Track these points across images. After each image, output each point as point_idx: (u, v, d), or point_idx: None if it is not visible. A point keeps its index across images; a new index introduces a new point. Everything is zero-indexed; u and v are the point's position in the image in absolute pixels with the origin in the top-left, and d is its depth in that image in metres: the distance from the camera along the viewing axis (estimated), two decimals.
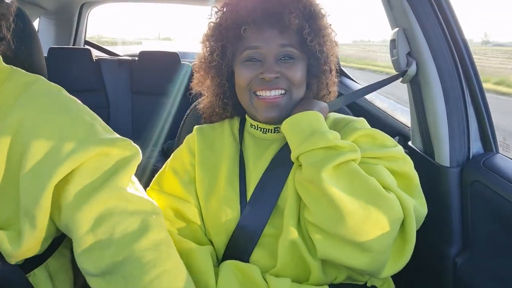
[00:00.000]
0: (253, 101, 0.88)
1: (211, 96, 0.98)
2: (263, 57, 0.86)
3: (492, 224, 0.91)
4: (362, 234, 0.73)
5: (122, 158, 0.75)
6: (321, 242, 0.77)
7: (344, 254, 0.76)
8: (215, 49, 0.91)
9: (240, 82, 0.89)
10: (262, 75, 0.84)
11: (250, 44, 0.87)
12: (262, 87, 0.86)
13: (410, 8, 0.96)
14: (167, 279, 0.68)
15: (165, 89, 2.51)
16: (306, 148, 0.78)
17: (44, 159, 0.69)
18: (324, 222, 0.76)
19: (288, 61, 0.87)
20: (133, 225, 0.70)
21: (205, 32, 0.95)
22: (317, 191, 0.76)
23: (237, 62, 0.90)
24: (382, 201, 0.74)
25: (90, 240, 0.69)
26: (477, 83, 0.98)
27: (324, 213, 0.75)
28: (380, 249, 0.75)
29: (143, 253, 0.69)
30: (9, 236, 0.71)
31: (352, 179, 0.75)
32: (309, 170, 0.76)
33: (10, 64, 0.80)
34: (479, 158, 0.98)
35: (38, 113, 0.72)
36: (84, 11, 2.98)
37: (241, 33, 0.86)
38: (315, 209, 0.77)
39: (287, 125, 0.83)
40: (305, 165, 0.78)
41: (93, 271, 0.69)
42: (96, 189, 0.70)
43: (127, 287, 0.67)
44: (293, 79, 0.86)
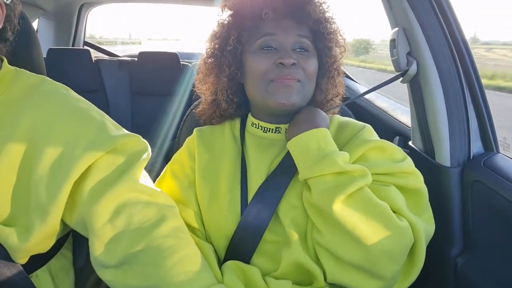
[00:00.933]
0: (269, 87, 0.84)
1: (215, 93, 0.95)
2: (279, 45, 0.85)
3: (493, 224, 0.90)
4: (374, 262, 0.73)
5: (134, 152, 0.77)
6: (331, 266, 0.77)
7: (354, 280, 0.76)
8: (230, 35, 0.88)
9: (256, 70, 0.86)
10: (280, 59, 0.83)
11: (267, 31, 0.86)
12: (280, 76, 0.83)
13: (410, 8, 0.96)
14: (187, 264, 0.70)
15: (165, 89, 2.50)
16: (314, 173, 0.76)
17: (61, 157, 0.71)
18: (336, 247, 0.75)
19: (303, 53, 0.86)
20: (150, 214, 0.73)
21: (215, 28, 0.93)
22: (328, 217, 0.75)
23: (250, 51, 0.88)
24: (395, 230, 0.74)
25: (109, 231, 0.71)
26: (477, 82, 0.98)
27: (336, 238, 0.75)
28: (391, 276, 0.75)
29: (163, 239, 0.71)
30: (16, 231, 0.72)
31: (365, 207, 0.74)
32: (320, 199, 0.75)
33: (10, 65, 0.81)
34: (480, 158, 0.97)
35: (50, 113, 0.74)
36: (83, 12, 2.98)
37: (263, 17, 0.85)
38: (326, 233, 0.76)
39: (294, 145, 0.81)
40: (315, 192, 0.76)
41: (109, 263, 0.71)
42: (112, 183, 0.72)
43: (145, 274, 0.69)
44: (307, 70, 0.85)
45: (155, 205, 0.75)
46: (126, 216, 0.71)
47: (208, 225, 0.89)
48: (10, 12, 0.77)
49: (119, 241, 0.71)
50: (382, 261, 0.73)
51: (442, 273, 1.01)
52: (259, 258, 0.84)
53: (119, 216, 0.71)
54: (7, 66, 0.79)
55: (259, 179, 0.87)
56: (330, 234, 0.76)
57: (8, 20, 0.77)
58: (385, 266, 0.73)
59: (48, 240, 0.77)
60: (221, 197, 0.88)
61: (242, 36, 0.88)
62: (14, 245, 0.72)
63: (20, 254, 0.75)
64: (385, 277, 0.74)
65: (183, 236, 0.74)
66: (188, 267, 0.70)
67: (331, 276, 0.77)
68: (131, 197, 0.73)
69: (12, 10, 0.77)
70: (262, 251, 0.84)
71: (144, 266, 0.69)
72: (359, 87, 2.19)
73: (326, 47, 0.89)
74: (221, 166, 0.91)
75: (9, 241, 0.72)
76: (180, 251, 0.71)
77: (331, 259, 0.77)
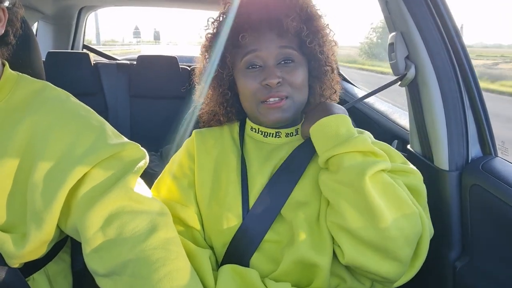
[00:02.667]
0: (260, 108, 0.87)
1: (214, 106, 0.96)
2: (263, 61, 0.86)
3: (492, 228, 0.91)
4: (391, 242, 0.74)
5: (130, 160, 0.77)
6: (351, 247, 0.77)
7: (372, 261, 0.76)
8: (215, 59, 0.90)
9: (246, 92, 0.88)
10: (265, 81, 0.84)
11: (249, 48, 0.86)
12: (268, 95, 0.85)
13: (408, 12, 0.97)
14: (175, 279, 0.68)
15: (164, 93, 2.51)
16: (346, 149, 0.78)
17: (57, 165, 0.71)
18: (357, 226, 0.75)
19: (289, 64, 0.86)
20: (142, 224, 0.72)
21: (203, 43, 0.94)
22: (354, 195, 0.75)
23: (238, 70, 0.89)
24: (411, 214, 0.76)
25: (100, 239, 0.70)
26: (475, 86, 0.98)
27: (358, 217, 0.75)
28: (406, 259, 0.76)
29: (152, 251, 0.70)
30: (13, 238, 0.72)
31: (385, 188, 0.76)
32: (350, 173, 0.76)
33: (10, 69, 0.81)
34: (478, 161, 0.98)
35: (50, 119, 0.74)
36: (82, 15, 2.98)
37: (239, 40, 0.85)
38: (349, 213, 0.76)
39: (319, 127, 0.82)
40: (346, 166, 0.77)
41: (101, 271, 0.70)
42: (106, 191, 0.72)
43: (133, 286, 0.67)
44: (294, 83, 0.86)
45: (148, 214, 0.74)
46: (118, 225, 0.70)
47: (208, 226, 0.89)
48: (12, 16, 0.77)
49: (110, 250, 0.70)
50: (398, 242, 0.74)
51: (440, 277, 1.01)
52: (258, 258, 0.84)
53: (111, 224, 0.70)
54: (9, 71, 0.79)
55: (261, 182, 0.87)
56: (351, 214, 0.76)
57: (11, 24, 0.77)
58: (401, 247, 0.75)
59: (44, 247, 0.77)
60: (221, 199, 0.88)
61: (226, 58, 0.89)
62: (9, 252, 0.72)
63: (15, 260, 0.74)
64: (400, 259, 0.75)
65: (173, 249, 0.72)
66: (176, 281, 0.68)
67: (349, 257, 0.77)
68: (124, 206, 0.72)
69: (14, 14, 0.77)
70: (262, 251, 0.84)
71: (132, 278, 0.68)
72: (357, 90, 2.19)
73: (313, 50, 0.88)
74: (221, 168, 0.91)
75: (4, 248, 0.72)
76: (169, 264, 0.69)
77: (351, 239, 0.77)
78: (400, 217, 0.75)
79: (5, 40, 0.77)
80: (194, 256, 0.82)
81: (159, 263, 0.68)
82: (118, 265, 0.69)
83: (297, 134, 0.94)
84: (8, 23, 0.76)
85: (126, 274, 0.68)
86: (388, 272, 0.76)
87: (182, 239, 0.83)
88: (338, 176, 0.77)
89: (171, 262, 0.70)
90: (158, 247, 0.70)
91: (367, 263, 0.76)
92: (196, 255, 0.82)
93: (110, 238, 0.70)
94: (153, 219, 0.73)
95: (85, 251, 0.72)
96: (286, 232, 0.84)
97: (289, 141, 0.93)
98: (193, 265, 0.79)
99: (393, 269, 0.76)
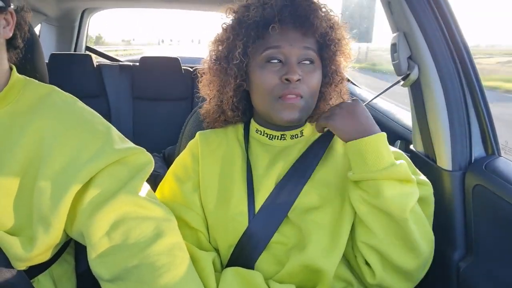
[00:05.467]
0: (276, 104, 0.85)
1: (220, 100, 0.94)
2: (284, 58, 0.85)
3: (496, 228, 0.90)
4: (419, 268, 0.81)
5: (137, 165, 0.77)
6: (382, 270, 0.81)
7: (398, 283, 0.81)
8: (236, 47, 0.87)
9: (263, 86, 0.86)
10: (286, 75, 0.82)
11: (272, 44, 0.84)
12: (286, 91, 0.83)
13: (411, 12, 0.97)
14: (180, 285, 0.69)
15: (166, 94, 2.51)
16: (386, 177, 0.76)
17: (63, 170, 0.71)
18: (393, 251, 0.79)
19: (308, 65, 0.86)
20: (147, 230, 0.72)
21: (219, 33, 0.92)
22: (394, 225, 0.77)
23: (255, 62, 0.87)
24: (431, 241, 0.83)
25: (105, 245, 0.70)
26: (478, 86, 0.98)
27: (396, 244, 0.79)
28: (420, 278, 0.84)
29: (157, 257, 0.70)
30: (21, 241, 0.72)
31: (418, 218, 0.80)
32: (392, 204, 0.75)
33: None
34: (481, 161, 0.97)
35: (57, 124, 0.74)
36: (85, 17, 2.99)
37: (269, 31, 0.83)
38: (387, 239, 0.79)
39: (360, 145, 0.79)
40: (385, 196, 0.75)
41: (106, 276, 0.70)
42: (112, 196, 0.72)
43: None
44: (311, 85, 0.85)
45: (153, 219, 0.74)
46: (124, 230, 0.71)
47: (213, 228, 0.89)
48: (20, 20, 0.77)
49: (115, 255, 0.70)
50: (421, 266, 0.81)
51: (444, 277, 1.01)
52: (264, 259, 0.84)
53: (116, 230, 0.71)
54: (17, 75, 0.79)
55: (268, 185, 0.87)
56: (389, 240, 0.78)
57: (19, 28, 0.77)
58: (422, 271, 0.82)
59: (51, 250, 0.77)
60: (227, 201, 0.87)
61: (248, 48, 0.87)
62: (17, 255, 0.72)
63: (22, 263, 0.75)
64: (417, 279, 0.83)
65: (178, 254, 0.73)
66: (180, 287, 0.69)
67: (380, 279, 0.81)
68: (129, 211, 0.72)
69: (22, 18, 0.78)
70: (268, 253, 0.84)
71: (137, 283, 0.68)
72: (360, 91, 2.19)
73: (331, 56, 0.89)
74: (226, 170, 0.91)
75: (12, 250, 0.72)
76: (174, 270, 0.70)
77: (383, 262, 0.80)
78: (424, 243, 0.80)
79: (13, 44, 0.78)
80: (196, 259, 0.82)
81: (164, 269, 0.69)
82: (123, 270, 0.69)
83: (302, 135, 0.94)
84: (17, 27, 0.76)
85: (131, 279, 0.68)
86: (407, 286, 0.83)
87: (185, 243, 0.83)
88: (378, 203, 0.77)
89: (176, 267, 0.70)
90: (163, 253, 0.71)
91: (394, 285, 0.81)
92: (199, 258, 0.82)
93: (116, 243, 0.70)
94: (158, 225, 0.73)
95: (90, 256, 0.72)
96: (292, 234, 0.84)
97: (294, 143, 0.93)
98: (196, 269, 0.79)
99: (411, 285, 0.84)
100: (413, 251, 0.78)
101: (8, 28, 0.74)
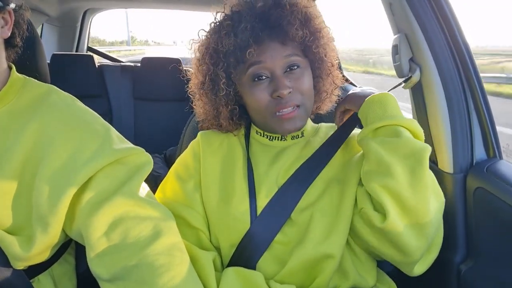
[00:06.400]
0: (274, 120, 0.86)
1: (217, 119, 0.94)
2: (270, 72, 0.84)
3: (497, 231, 0.90)
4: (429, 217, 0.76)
5: (136, 165, 0.77)
6: (394, 211, 0.76)
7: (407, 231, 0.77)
8: (219, 77, 0.86)
9: (256, 106, 0.86)
10: (276, 93, 0.82)
11: (255, 59, 0.84)
12: (280, 106, 0.83)
13: (412, 14, 0.96)
14: (180, 284, 0.69)
15: (168, 95, 2.51)
16: (405, 122, 0.81)
17: (62, 169, 0.71)
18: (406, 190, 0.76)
19: (295, 71, 0.85)
20: (146, 230, 0.72)
21: (197, 56, 0.92)
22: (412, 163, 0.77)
23: (243, 83, 0.87)
24: (442, 201, 0.81)
25: (104, 245, 0.70)
26: (479, 88, 0.98)
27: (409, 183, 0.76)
28: (430, 241, 0.79)
29: (155, 257, 0.70)
30: (19, 240, 0.72)
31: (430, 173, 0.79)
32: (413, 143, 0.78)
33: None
34: (483, 164, 0.97)
35: (55, 123, 0.74)
36: (87, 18, 3.00)
37: (246, 56, 0.82)
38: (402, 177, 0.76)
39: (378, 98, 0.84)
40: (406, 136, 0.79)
41: (105, 276, 0.70)
42: (111, 196, 0.72)
43: None
44: (304, 90, 0.85)
45: (152, 219, 0.74)
46: (122, 230, 0.71)
47: (215, 227, 0.89)
48: (19, 19, 0.77)
49: (113, 255, 0.70)
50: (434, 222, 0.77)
51: (445, 280, 1.00)
52: (265, 259, 0.84)
53: (115, 229, 0.71)
54: (16, 75, 0.80)
55: (269, 184, 0.87)
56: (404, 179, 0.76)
57: (17, 27, 0.77)
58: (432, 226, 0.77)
59: (49, 250, 0.77)
60: (228, 200, 0.87)
61: (231, 74, 0.87)
62: (16, 254, 0.72)
63: (21, 263, 0.75)
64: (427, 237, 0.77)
65: (177, 254, 0.73)
66: (179, 287, 0.69)
67: (391, 220, 0.75)
68: (128, 211, 0.72)
69: (20, 17, 0.78)
70: (269, 253, 0.84)
71: (136, 283, 0.68)
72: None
73: (315, 51, 0.88)
74: (228, 170, 0.91)
75: (11, 250, 0.72)
76: (173, 269, 0.70)
77: (396, 203, 0.77)
78: (434, 199, 0.78)
79: (12, 43, 0.78)
80: (197, 259, 0.82)
81: (163, 269, 0.69)
82: (122, 270, 0.69)
83: (302, 136, 0.94)
84: (15, 25, 0.76)
85: (130, 279, 0.68)
86: (415, 248, 0.77)
87: (185, 242, 0.83)
88: (399, 142, 0.78)
89: (175, 267, 0.70)
90: (162, 253, 0.70)
91: (403, 231, 0.76)
92: (199, 258, 0.82)
93: (114, 243, 0.70)
94: (157, 225, 0.73)
95: (89, 256, 0.72)
96: (294, 233, 0.84)
97: (294, 143, 0.93)
98: (196, 268, 0.79)
99: (419, 246, 0.77)
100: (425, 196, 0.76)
101: (6, 27, 0.74)
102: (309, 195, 0.85)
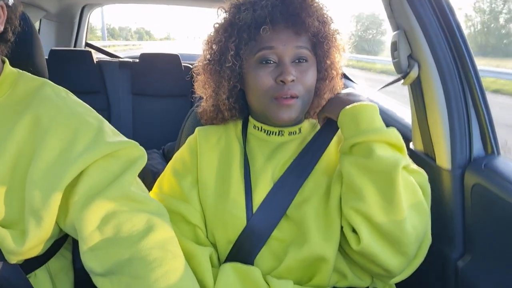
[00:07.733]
0: (271, 105, 0.86)
1: (216, 100, 0.94)
2: (278, 58, 0.85)
3: (494, 227, 0.90)
4: (406, 236, 0.76)
5: (129, 159, 0.77)
6: (368, 235, 0.77)
7: (384, 252, 0.77)
8: (228, 50, 0.87)
9: (259, 87, 0.86)
10: (280, 77, 0.83)
11: (266, 44, 0.85)
12: (281, 92, 0.84)
13: (411, 10, 0.96)
14: (173, 279, 0.68)
15: (166, 91, 2.50)
16: (378, 138, 0.78)
17: (54, 162, 0.71)
18: (378, 213, 0.76)
19: (302, 64, 0.86)
20: (139, 224, 0.72)
21: (211, 33, 0.92)
22: (383, 184, 0.76)
23: (249, 64, 0.88)
24: (423, 211, 0.79)
25: (97, 238, 0.70)
26: (478, 84, 0.98)
27: (381, 205, 0.76)
28: (411, 256, 0.78)
29: (149, 251, 0.69)
30: (12, 234, 0.72)
31: (407, 183, 0.78)
32: (384, 162, 0.76)
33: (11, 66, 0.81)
34: (481, 160, 0.97)
35: (49, 117, 0.74)
36: (85, 13, 2.98)
37: (261, 33, 0.83)
38: (373, 200, 0.76)
39: (354, 110, 0.81)
40: (378, 154, 0.76)
41: (98, 270, 0.70)
42: (104, 189, 0.71)
43: (131, 286, 0.67)
44: (306, 84, 0.86)
45: (145, 213, 0.73)
46: (115, 224, 0.70)
47: (212, 223, 0.89)
48: (11, 14, 0.77)
49: (106, 249, 0.70)
50: (411, 238, 0.76)
51: (442, 276, 1.01)
52: (262, 255, 0.85)
53: (108, 223, 0.70)
54: (9, 68, 0.80)
55: (265, 180, 0.88)
56: (375, 201, 0.76)
57: (9, 22, 0.77)
58: (412, 243, 0.76)
59: (43, 244, 0.77)
60: (225, 196, 0.88)
61: (240, 50, 0.87)
62: (9, 248, 0.72)
63: (15, 257, 0.74)
64: (408, 255, 0.77)
65: (170, 249, 0.72)
66: (172, 281, 0.68)
67: (365, 244, 0.76)
68: (121, 205, 0.72)
69: (13, 12, 0.77)
70: (266, 249, 0.85)
71: (129, 277, 0.68)
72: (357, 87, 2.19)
73: (325, 52, 0.89)
74: (225, 165, 0.91)
75: (4, 244, 0.72)
76: (166, 264, 0.69)
77: (369, 226, 0.77)
78: (416, 214, 0.77)
79: (4, 37, 0.78)
80: (193, 255, 0.82)
81: (156, 263, 0.68)
82: (115, 264, 0.69)
83: (300, 132, 0.94)
84: (7, 21, 0.76)
85: (123, 273, 0.68)
86: (394, 266, 0.77)
87: (181, 238, 0.83)
88: (370, 162, 0.77)
89: (168, 262, 0.70)
90: (155, 247, 0.70)
91: (379, 252, 0.77)
92: (195, 254, 0.82)
93: (107, 237, 0.70)
94: (150, 219, 0.73)
95: (82, 250, 0.71)
96: (290, 230, 0.84)
97: (292, 139, 0.93)
98: (192, 264, 0.79)
99: (399, 263, 0.77)
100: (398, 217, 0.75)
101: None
102: (304, 192, 0.86)
